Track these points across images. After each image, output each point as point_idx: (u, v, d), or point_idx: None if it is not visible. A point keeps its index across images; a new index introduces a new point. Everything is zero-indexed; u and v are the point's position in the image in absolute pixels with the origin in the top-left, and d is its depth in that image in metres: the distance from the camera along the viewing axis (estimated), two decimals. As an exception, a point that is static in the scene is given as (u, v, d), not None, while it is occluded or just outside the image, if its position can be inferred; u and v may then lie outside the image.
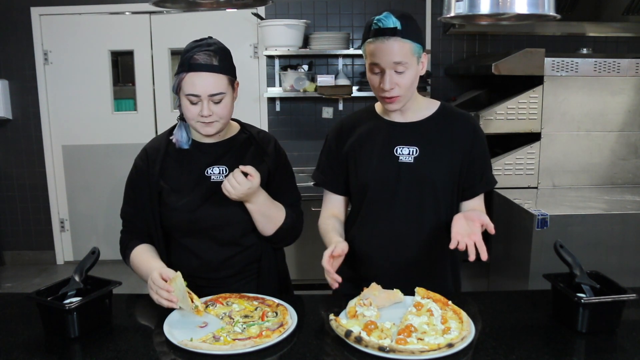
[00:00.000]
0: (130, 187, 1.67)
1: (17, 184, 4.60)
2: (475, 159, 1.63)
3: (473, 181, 1.64)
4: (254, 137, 1.69)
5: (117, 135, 4.54)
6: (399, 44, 1.47)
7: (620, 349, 1.27)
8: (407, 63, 1.50)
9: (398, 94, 1.53)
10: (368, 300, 1.42)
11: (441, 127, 1.63)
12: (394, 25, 1.47)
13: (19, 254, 4.71)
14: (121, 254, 1.67)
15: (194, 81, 1.48)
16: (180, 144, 1.61)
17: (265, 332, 1.29)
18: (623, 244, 2.72)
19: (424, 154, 1.60)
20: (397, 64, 1.49)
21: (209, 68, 1.49)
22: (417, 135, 1.61)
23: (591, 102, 3.20)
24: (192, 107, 1.51)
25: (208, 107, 1.50)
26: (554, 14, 1.51)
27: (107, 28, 4.41)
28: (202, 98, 1.49)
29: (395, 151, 1.61)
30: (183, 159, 1.62)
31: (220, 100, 1.51)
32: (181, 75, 1.50)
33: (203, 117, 1.51)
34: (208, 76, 1.49)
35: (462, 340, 1.24)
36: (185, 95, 1.50)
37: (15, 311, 1.50)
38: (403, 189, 1.61)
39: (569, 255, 1.44)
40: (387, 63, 1.49)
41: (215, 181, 1.59)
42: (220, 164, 1.62)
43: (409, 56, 1.50)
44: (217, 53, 1.52)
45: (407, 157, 1.61)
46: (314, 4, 4.30)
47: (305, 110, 4.45)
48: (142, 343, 1.32)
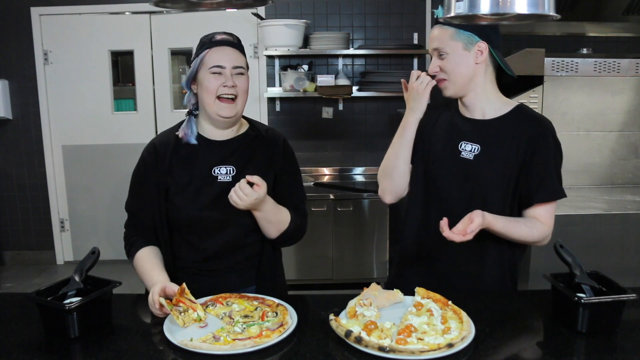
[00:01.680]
0: (137, 180, 1.67)
1: (17, 184, 4.60)
2: (535, 165, 1.57)
3: (529, 189, 1.58)
4: (262, 137, 1.69)
5: (117, 135, 4.54)
6: (439, 30, 1.60)
7: (620, 349, 1.27)
8: (445, 48, 1.58)
9: (444, 77, 1.62)
10: (368, 300, 1.42)
11: (508, 128, 1.60)
12: (436, 15, 1.55)
13: (19, 254, 4.71)
14: (125, 249, 1.67)
15: (218, 54, 1.56)
16: (188, 138, 1.62)
17: (265, 332, 1.29)
18: (623, 244, 2.72)
19: (484, 152, 1.60)
20: (435, 49, 1.61)
21: (232, 44, 1.59)
22: (482, 133, 1.62)
23: (591, 102, 3.19)
24: (215, 79, 1.56)
25: (231, 78, 1.56)
26: (554, 14, 1.50)
27: (107, 28, 4.41)
28: (226, 69, 1.56)
29: (459, 146, 1.64)
30: (190, 157, 1.63)
31: (241, 74, 1.59)
32: (203, 54, 1.56)
33: (225, 89, 1.55)
34: (232, 50, 1.58)
35: (462, 340, 1.23)
36: (209, 69, 1.56)
37: (15, 311, 1.50)
38: (459, 184, 1.63)
39: (569, 255, 1.44)
40: (431, 49, 1.64)
41: (222, 181, 1.60)
42: (227, 163, 1.62)
43: (448, 42, 1.58)
44: (234, 36, 1.62)
45: (468, 153, 1.62)
46: (314, 4, 4.30)
47: (305, 110, 4.45)
48: (142, 343, 1.32)
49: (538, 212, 1.60)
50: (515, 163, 1.57)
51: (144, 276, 1.58)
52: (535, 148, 1.57)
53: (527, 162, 1.57)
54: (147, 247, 1.62)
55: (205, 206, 1.59)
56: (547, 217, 1.61)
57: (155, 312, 1.43)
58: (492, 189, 1.60)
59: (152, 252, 1.62)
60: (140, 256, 1.61)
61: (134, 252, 1.63)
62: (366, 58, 4.36)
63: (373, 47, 4.22)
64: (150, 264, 1.58)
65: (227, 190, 1.52)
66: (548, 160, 1.59)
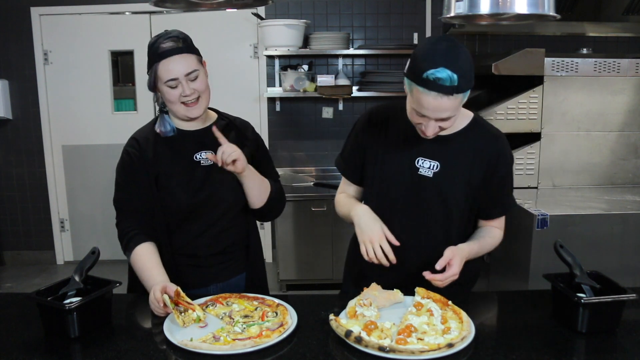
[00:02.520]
0: (123, 173, 1.70)
1: (17, 184, 4.59)
2: (494, 182, 1.59)
3: (489, 204, 1.62)
4: (233, 123, 1.79)
5: (117, 135, 4.52)
6: (449, 101, 1.38)
7: (620, 349, 1.27)
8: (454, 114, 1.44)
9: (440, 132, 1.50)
10: (368, 300, 1.42)
11: (467, 144, 1.58)
12: (452, 84, 1.35)
13: (19, 254, 4.71)
14: (122, 244, 1.67)
15: (168, 67, 1.58)
16: (166, 134, 1.69)
17: (265, 332, 1.29)
18: (623, 244, 2.71)
19: (444, 169, 1.58)
20: (444, 119, 1.43)
21: (177, 51, 1.59)
22: (442, 150, 1.57)
23: (591, 102, 3.19)
24: (172, 91, 1.60)
25: (188, 86, 1.59)
26: (554, 14, 1.50)
27: (107, 28, 4.41)
28: (180, 79, 1.58)
29: (416, 162, 1.59)
30: (172, 147, 1.69)
31: (196, 78, 1.61)
32: (155, 67, 1.59)
33: (186, 97, 1.60)
34: (179, 58, 1.59)
35: (462, 340, 1.24)
36: (164, 83, 1.59)
37: (15, 311, 1.50)
38: (416, 201, 1.60)
39: (569, 255, 1.44)
40: (435, 116, 1.42)
41: (205, 165, 1.68)
42: (207, 149, 1.69)
43: (458, 108, 1.44)
44: (179, 37, 1.62)
45: (427, 170, 1.58)
46: (314, 4, 4.30)
47: (305, 110, 4.45)
48: (142, 343, 1.32)
49: (494, 222, 1.67)
50: (477, 179, 1.58)
51: (142, 273, 1.59)
52: (496, 166, 1.59)
53: (488, 179, 1.59)
54: (145, 242, 1.63)
55: (195, 190, 1.66)
56: (501, 223, 1.68)
57: (157, 310, 1.44)
58: (455, 205, 1.60)
59: (151, 249, 1.62)
60: (139, 252, 1.61)
61: (132, 247, 1.62)
62: (366, 58, 4.36)
63: (373, 47, 4.22)
64: (151, 262, 1.59)
65: (210, 173, 1.66)
66: (506, 176, 1.63)
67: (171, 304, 1.39)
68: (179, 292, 1.42)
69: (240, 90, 4.39)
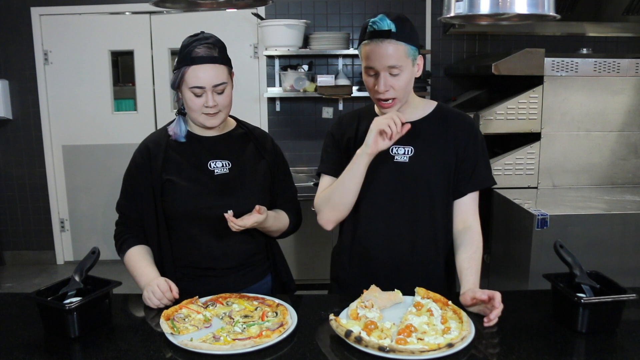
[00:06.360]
0: (129, 181, 1.70)
1: (17, 184, 4.60)
2: (466, 158, 1.62)
3: (461, 180, 1.63)
4: (252, 133, 1.74)
5: (117, 135, 4.54)
6: (393, 46, 1.48)
7: (620, 349, 1.27)
8: (402, 66, 1.50)
9: (393, 95, 1.54)
10: (370, 302, 1.42)
11: (436, 127, 1.63)
12: (389, 27, 1.47)
13: (19, 254, 4.71)
14: (116, 246, 1.70)
15: (197, 73, 1.53)
16: (178, 137, 1.66)
17: (265, 332, 1.29)
18: (623, 244, 2.71)
19: (418, 153, 1.61)
20: (391, 67, 1.49)
21: (211, 60, 1.54)
22: (412, 135, 1.59)
23: (591, 102, 3.19)
24: (196, 99, 1.56)
25: (212, 98, 1.55)
26: (554, 14, 1.50)
27: (107, 28, 4.41)
28: (206, 89, 1.54)
29: (390, 151, 1.61)
30: (185, 152, 1.66)
31: (223, 91, 1.58)
32: (183, 69, 1.54)
33: (208, 108, 1.56)
34: (211, 68, 1.54)
35: (462, 340, 1.24)
36: (190, 88, 1.55)
37: (15, 311, 1.50)
38: (397, 188, 1.62)
39: (569, 255, 1.44)
40: (381, 66, 1.50)
41: (219, 174, 1.64)
42: (222, 158, 1.66)
43: (403, 59, 1.50)
44: (216, 45, 1.57)
45: (402, 156, 1.62)
46: (314, 4, 4.30)
47: (305, 110, 4.45)
48: (142, 343, 1.32)
49: (465, 200, 1.64)
50: (452, 159, 1.61)
51: (135, 271, 1.61)
52: (467, 142, 1.62)
53: (461, 155, 1.62)
54: (138, 245, 1.66)
55: (207, 195, 1.62)
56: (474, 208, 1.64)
57: (156, 301, 1.48)
58: (435, 187, 1.61)
59: (143, 250, 1.66)
60: (132, 252, 1.65)
61: (125, 249, 1.66)
62: (366, 58, 4.36)
63: (373, 47, 4.21)
64: (144, 261, 1.62)
65: (224, 183, 1.62)
66: (477, 151, 1.64)
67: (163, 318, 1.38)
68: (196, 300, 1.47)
69: (240, 90, 4.34)
